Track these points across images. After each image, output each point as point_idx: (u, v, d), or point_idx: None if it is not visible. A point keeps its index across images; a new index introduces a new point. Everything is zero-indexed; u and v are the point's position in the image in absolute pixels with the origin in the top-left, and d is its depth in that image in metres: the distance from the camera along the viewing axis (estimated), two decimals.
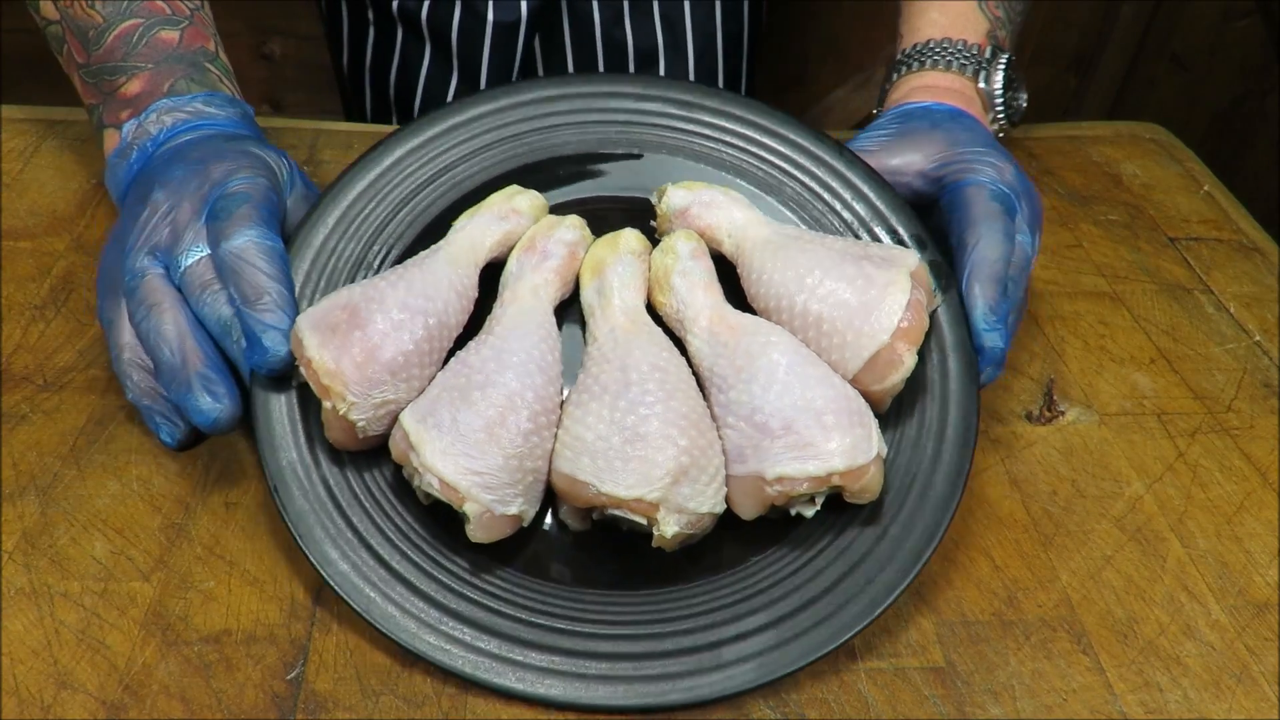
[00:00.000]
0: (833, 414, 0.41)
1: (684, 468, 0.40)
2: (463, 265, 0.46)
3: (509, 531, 0.41)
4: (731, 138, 0.52)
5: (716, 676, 0.39)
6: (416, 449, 0.40)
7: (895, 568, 0.41)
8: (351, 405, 0.41)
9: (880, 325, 0.44)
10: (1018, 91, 0.61)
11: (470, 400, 0.41)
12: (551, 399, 0.43)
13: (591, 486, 0.40)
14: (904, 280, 0.44)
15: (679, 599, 0.41)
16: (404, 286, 0.43)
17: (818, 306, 0.45)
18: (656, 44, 0.85)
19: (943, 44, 0.60)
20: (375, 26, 0.86)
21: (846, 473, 0.41)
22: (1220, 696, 0.40)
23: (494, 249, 0.48)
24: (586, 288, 0.47)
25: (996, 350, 0.47)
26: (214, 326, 0.45)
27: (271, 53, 1.39)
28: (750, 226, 0.48)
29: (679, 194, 0.49)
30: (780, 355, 0.43)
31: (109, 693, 0.38)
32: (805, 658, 0.39)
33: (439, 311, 0.44)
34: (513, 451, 0.40)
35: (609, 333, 0.45)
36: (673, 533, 0.40)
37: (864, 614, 0.40)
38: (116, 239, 0.48)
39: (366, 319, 0.42)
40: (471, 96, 0.52)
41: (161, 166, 0.49)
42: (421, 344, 0.43)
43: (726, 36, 0.88)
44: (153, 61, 0.53)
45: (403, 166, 0.50)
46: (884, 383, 0.44)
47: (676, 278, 0.47)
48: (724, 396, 0.43)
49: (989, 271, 0.48)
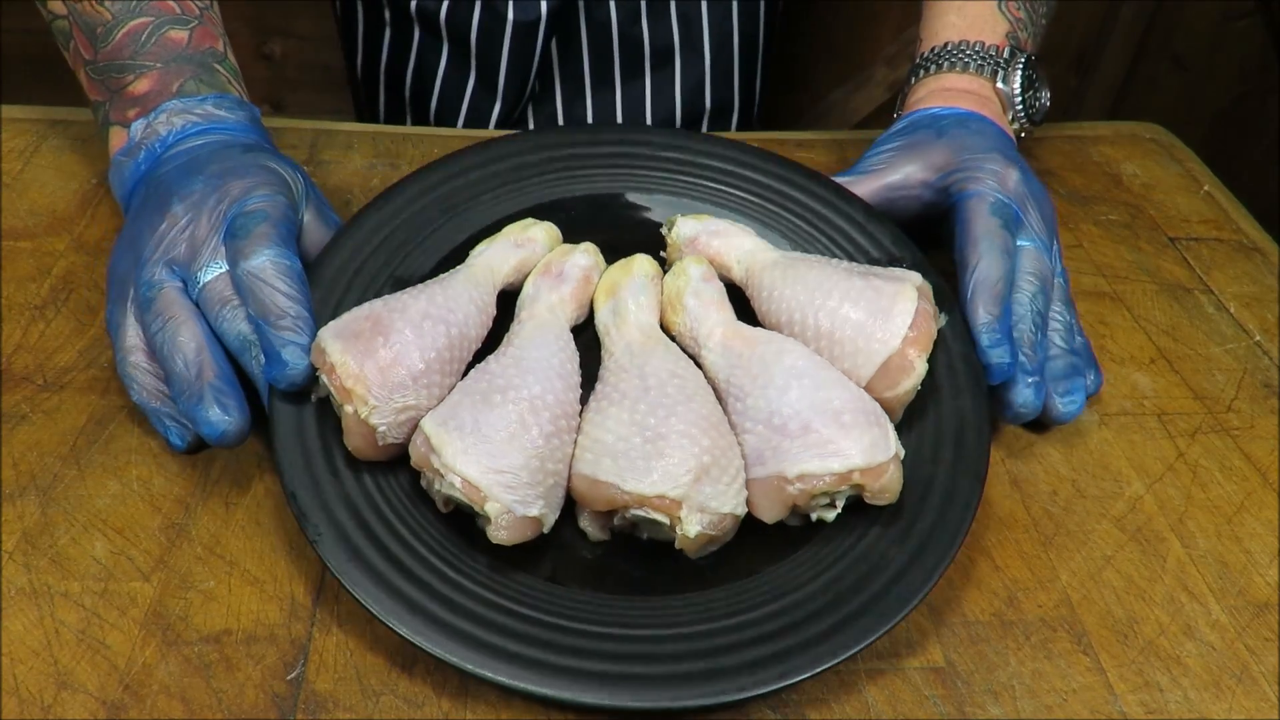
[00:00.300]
0: (850, 414, 0.42)
1: (705, 466, 0.40)
2: (482, 285, 0.48)
3: (530, 534, 0.41)
4: (735, 180, 0.56)
5: (728, 683, 0.38)
6: (438, 451, 0.40)
7: (918, 573, 0.41)
8: (373, 409, 0.41)
9: (891, 332, 0.45)
10: (1039, 91, 0.61)
11: (491, 403, 0.41)
12: (571, 404, 0.44)
13: (614, 486, 0.40)
14: (911, 291, 0.46)
15: (695, 604, 0.40)
16: (425, 299, 0.45)
17: (829, 318, 0.46)
18: (673, 43, 0.85)
19: (960, 46, 0.61)
20: (392, 27, 0.86)
21: (866, 470, 0.41)
22: (1220, 696, 0.40)
23: (510, 274, 0.49)
24: (601, 309, 0.49)
25: (1003, 364, 0.47)
26: (232, 342, 0.45)
27: (272, 53, 1.39)
28: (759, 252, 0.50)
29: (688, 224, 0.51)
30: (795, 361, 0.44)
31: (109, 693, 0.38)
32: (819, 664, 0.38)
33: (460, 323, 0.45)
34: (534, 452, 0.41)
35: (625, 347, 0.46)
36: (695, 532, 0.40)
37: (882, 620, 0.39)
38: (130, 245, 0.48)
39: (389, 326, 0.43)
40: (485, 144, 0.56)
41: (178, 176, 0.49)
42: (443, 351, 0.44)
43: (743, 36, 0.88)
44: (161, 61, 0.53)
45: (422, 198, 0.53)
46: (897, 389, 0.45)
47: (689, 297, 0.48)
48: (741, 405, 0.44)
49: (988, 292, 0.49)
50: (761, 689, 0.37)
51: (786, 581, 0.41)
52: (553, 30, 0.82)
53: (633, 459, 0.40)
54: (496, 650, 0.38)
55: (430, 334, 0.44)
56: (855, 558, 0.42)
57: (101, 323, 0.54)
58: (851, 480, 0.41)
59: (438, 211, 0.53)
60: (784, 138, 0.73)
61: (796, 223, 0.55)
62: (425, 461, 0.41)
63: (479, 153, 0.56)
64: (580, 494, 0.42)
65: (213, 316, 0.46)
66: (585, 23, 0.83)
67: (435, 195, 0.54)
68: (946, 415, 0.46)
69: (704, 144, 0.58)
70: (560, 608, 0.40)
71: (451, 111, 0.87)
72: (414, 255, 0.51)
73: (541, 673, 0.37)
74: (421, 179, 0.54)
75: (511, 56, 0.82)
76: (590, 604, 0.40)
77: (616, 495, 0.40)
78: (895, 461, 0.42)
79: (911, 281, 0.47)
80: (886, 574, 0.41)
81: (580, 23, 0.83)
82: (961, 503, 0.43)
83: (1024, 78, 0.60)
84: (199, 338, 0.45)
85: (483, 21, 0.81)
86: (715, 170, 0.57)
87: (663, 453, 0.40)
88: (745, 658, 0.38)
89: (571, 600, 0.40)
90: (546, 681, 0.37)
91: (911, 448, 0.45)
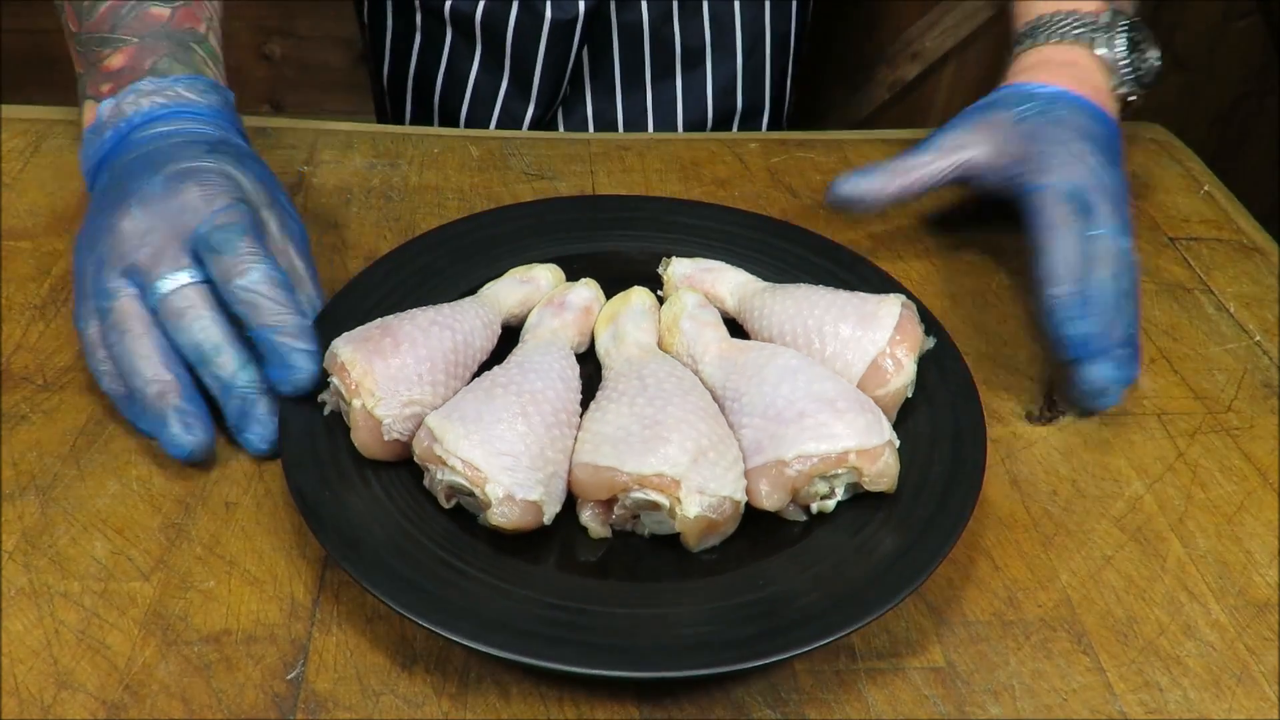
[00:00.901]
0: (843, 401, 0.43)
1: (703, 449, 0.41)
2: (488, 307, 0.50)
3: (530, 521, 0.41)
4: (725, 235, 0.59)
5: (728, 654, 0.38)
6: (440, 439, 0.41)
7: (920, 555, 0.41)
8: (379, 401, 0.43)
9: (878, 332, 0.47)
10: (1146, 52, 0.61)
11: (493, 396, 0.43)
12: (572, 404, 0.45)
13: (614, 469, 0.41)
14: (895, 300, 0.48)
15: (694, 590, 0.41)
16: (433, 310, 0.48)
17: (818, 326, 0.48)
18: (704, 43, 0.84)
19: (1054, 17, 0.61)
20: (422, 32, 0.85)
21: (862, 451, 0.42)
22: (1220, 696, 0.40)
23: (514, 307, 0.52)
24: (601, 335, 0.51)
25: (1079, 337, 0.48)
26: (191, 354, 0.45)
27: (271, 53, 1.39)
28: (750, 283, 0.53)
29: (683, 263, 0.55)
30: (788, 360, 0.46)
31: (109, 693, 0.38)
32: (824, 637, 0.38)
33: (465, 331, 0.47)
34: (534, 439, 0.42)
35: (625, 361, 0.48)
36: (695, 513, 0.40)
37: (887, 598, 0.39)
38: (90, 245, 0.48)
39: (396, 329, 0.45)
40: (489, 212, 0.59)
41: (139, 170, 0.49)
42: (448, 354, 0.46)
43: (775, 35, 0.87)
44: (138, 35, 0.53)
45: (433, 246, 0.56)
46: (888, 386, 0.46)
47: (685, 321, 0.51)
48: (737, 404, 0.45)
49: (1062, 271, 0.50)
50: (760, 659, 0.37)
51: (787, 568, 0.41)
52: (590, 29, 0.81)
53: (632, 444, 0.41)
54: (503, 627, 0.38)
55: (436, 337, 0.46)
56: (856, 545, 0.42)
57: None
58: (848, 462, 0.42)
59: (444, 264, 0.55)
60: (785, 137, 0.73)
61: (785, 267, 0.56)
62: (428, 452, 0.42)
63: (478, 219, 0.58)
64: (581, 483, 0.42)
65: (171, 326, 0.45)
66: (617, 23, 0.82)
67: (430, 258, 0.55)
68: (941, 418, 0.47)
69: (697, 209, 0.61)
70: (562, 590, 0.40)
71: (484, 116, 0.86)
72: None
73: (548, 646, 0.37)
74: (420, 241, 0.56)
75: (548, 57, 0.81)
76: (589, 588, 0.40)
77: (616, 478, 0.41)
78: (890, 447, 0.43)
79: (895, 296, 0.49)
80: (888, 558, 0.41)
81: (612, 23, 0.82)
82: (962, 490, 0.44)
83: (1128, 40, 0.59)
84: (157, 353, 0.45)
85: (520, 21, 0.80)
86: (708, 230, 0.59)
87: (661, 437, 0.41)
88: (744, 632, 0.38)
89: (569, 585, 0.41)
90: (549, 655, 0.37)
91: (908, 444, 0.46)
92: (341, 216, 0.63)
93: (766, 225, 0.59)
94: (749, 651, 0.37)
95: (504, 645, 0.37)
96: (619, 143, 0.72)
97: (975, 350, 0.56)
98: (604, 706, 0.39)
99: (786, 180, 0.69)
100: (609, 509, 0.43)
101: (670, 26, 0.83)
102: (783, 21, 0.87)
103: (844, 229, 0.64)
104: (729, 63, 0.86)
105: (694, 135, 0.75)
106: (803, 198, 0.67)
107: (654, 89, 0.86)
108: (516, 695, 0.39)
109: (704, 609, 0.40)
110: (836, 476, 0.43)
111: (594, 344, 0.51)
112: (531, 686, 0.40)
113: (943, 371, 0.49)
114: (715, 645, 0.38)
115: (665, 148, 0.71)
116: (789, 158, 0.71)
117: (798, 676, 0.40)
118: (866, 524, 0.43)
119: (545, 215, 0.59)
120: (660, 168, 0.69)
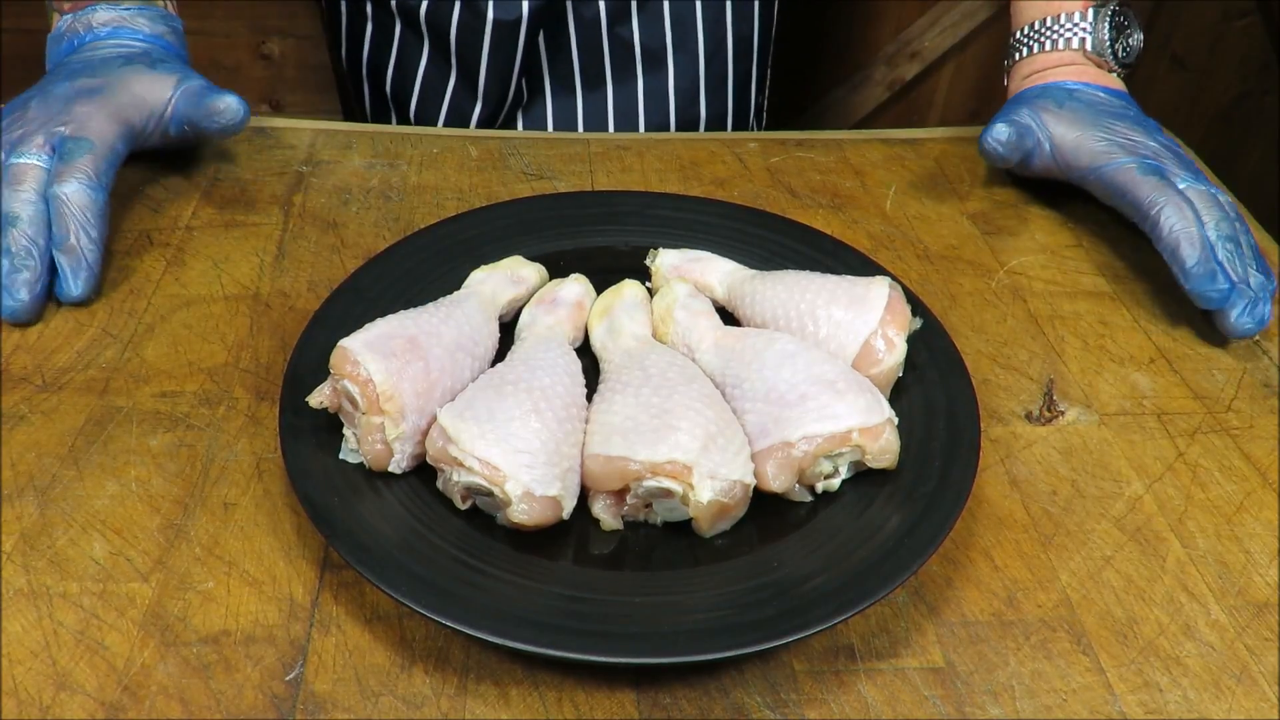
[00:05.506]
0: (843, 382, 0.45)
1: (712, 435, 0.42)
2: (489, 311, 0.51)
3: (549, 516, 0.41)
4: (712, 227, 0.59)
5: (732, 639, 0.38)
6: (455, 439, 0.41)
7: (927, 530, 0.42)
8: (401, 434, 0.43)
9: (869, 313, 0.48)
10: (1129, 34, 0.66)
11: (504, 394, 0.43)
12: (579, 397, 0.46)
13: (626, 459, 0.41)
14: (883, 282, 0.49)
15: (708, 575, 0.41)
16: (454, 326, 0.47)
17: (810, 310, 0.49)
18: (665, 44, 0.84)
19: (1043, 25, 0.67)
20: (373, 22, 0.85)
21: (864, 429, 0.43)
22: (1220, 696, 0.40)
23: (505, 306, 0.52)
24: (596, 329, 0.51)
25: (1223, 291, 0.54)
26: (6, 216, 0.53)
27: (271, 53, 1.39)
28: (738, 271, 0.54)
29: (670, 254, 0.55)
30: (785, 345, 0.47)
31: (108, 693, 0.38)
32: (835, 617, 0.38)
33: (482, 356, 0.48)
34: (548, 435, 0.42)
35: (623, 354, 0.48)
36: (708, 498, 0.41)
37: (902, 569, 0.40)
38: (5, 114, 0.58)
39: (427, 352, 0.45)
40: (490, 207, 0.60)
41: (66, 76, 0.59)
42: (468, 380, 0.46)
43: (737, 39, 0.86)
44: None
45: (417, 254, 0.56)
46: (880, 365, 0.48)
47: (679, 311, 0.51)
48: (739, 390, 0.46)
49: (1183, 232, 0.55)
50: (780, 639, 0.38)
51: (797, 549, 0.42)
52: (536, 30, 0.81)
53: (642, 433, 0.42)
54: (529, 623, 0.38)
55: (461, 364, 0.46)
56: (863, 524, 0.43)
57: (100, 324, 0.54)
58: (851, 440, 0.43)
59: (437, 262, 0.55)
60: (784, 137, 0.73)
61: (768, 255, 0.57)
62: (443, 454, 0.42)
63: (472, 215, 0.59)
64: (593, 474, 0.42)
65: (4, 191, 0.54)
66: (574, 21, 0.82)
67: (429, 252, 0.56)
68: (933, 395, 0.48)
69: (681, 201, 0.61)
70: (582, 584, 0.40)
71: (432, 111, 0.86)
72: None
73: (576, 639, 0.37)
74: (417, 238, 0.57)
75: (492, 57, 0.81)
76: (608, 580, 0.41)
77: (629, 467, 0.41)
78: (890, 424, 0.44)
79: (882, 279, 0.50)
80: (897, 533, 0.42)
81: (569, 21, 0.82)
82: (961, 462, 0.45)
83: (1112, 26, 0.65)
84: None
85: (463, 19, 0.80)
86: (692, 222, 0.60)
87: (671, 425, 0.42)
88: (763, 614, 0.39)
89: (589, 578, 0.41)
90: (575, 647, 0.37)
91: (904, 421, 0.47)
92: (340, 216, 0.63)
93: (748, 215, 0.60)
94: (771, 632, 0.38)
95: (534, 640, 0.37)
96: (618, 143, 0.72)
97: (975, 350, 0.56)
98: (603, 706, 0.39)
99: (786, 180, 0.69)
100: (621, 500, 0.43)
101: (628, 25, 0.83)
102: (744, 25, 0.86)
103: (844, 229, 0.64)
104: (691, 65, 0.85)
105: (693, 135, 0.75)
106: (802, 197, 0.67)
107: (615, 91, 0.85)
108: (515, 696, 0.39)
109: (717, 593, 0.40)
110: (840, 455, 0.44)
111: (588, 338, 0.52)
112: (530, 687, 0.39)
113: (930, 350, 0.50)
114: (736, 628, 0.38)
115: (665, 147, 0.71)
116: (788, 157, 0.71)
117: (797, 677, 0.40)
118: (872, 501, 0.44)
119: (525, 213, 0.59)
120: (660, 167, 0.69)
